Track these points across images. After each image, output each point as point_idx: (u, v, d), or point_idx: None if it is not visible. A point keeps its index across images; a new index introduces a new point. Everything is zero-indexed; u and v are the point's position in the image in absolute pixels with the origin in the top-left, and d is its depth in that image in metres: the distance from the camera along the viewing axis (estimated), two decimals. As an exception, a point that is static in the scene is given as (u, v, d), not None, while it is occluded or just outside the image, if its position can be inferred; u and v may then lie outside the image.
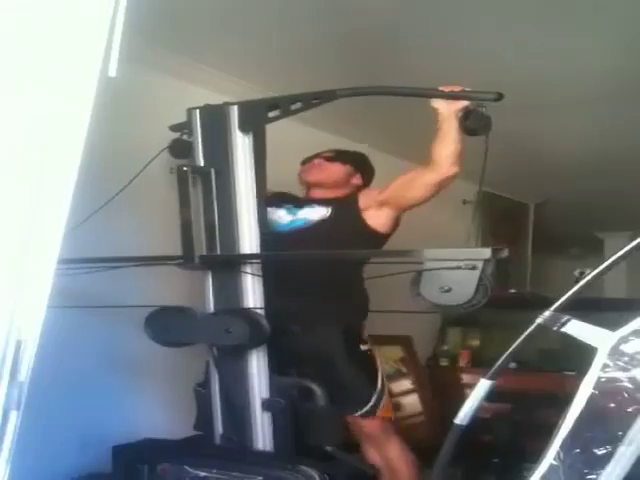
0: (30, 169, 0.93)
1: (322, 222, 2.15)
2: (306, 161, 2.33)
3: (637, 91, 2.73)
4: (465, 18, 2.18)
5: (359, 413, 2.11)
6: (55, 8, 0.94)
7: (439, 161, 1.95)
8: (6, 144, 0.92)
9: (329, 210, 2.17)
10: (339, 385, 2.06)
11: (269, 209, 2.15)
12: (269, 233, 2.05)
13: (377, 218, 2.13)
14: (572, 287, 0.98)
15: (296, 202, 2.26)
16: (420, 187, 2.03)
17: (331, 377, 2.04)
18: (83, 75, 0.96)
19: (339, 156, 2.29)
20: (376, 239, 2.16)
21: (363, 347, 2.16)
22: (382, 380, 2.17)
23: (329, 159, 2.28)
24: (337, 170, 2.26)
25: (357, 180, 2.29)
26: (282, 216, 2.20)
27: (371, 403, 2.11)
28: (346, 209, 2.17)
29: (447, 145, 1.92)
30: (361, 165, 2.32)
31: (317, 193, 2.27)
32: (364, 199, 2.17)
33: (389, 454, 2.16)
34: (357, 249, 2.10)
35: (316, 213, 2.18)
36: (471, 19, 2.19)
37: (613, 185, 4.38)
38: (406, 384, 3.47)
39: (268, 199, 2.11)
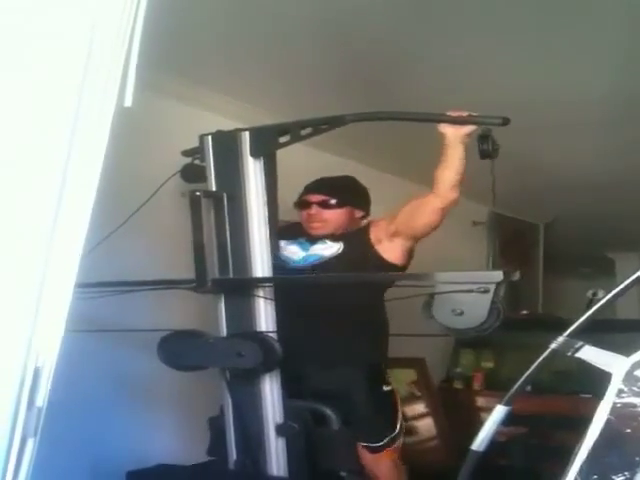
0: (48, 195, 0.94)
1: (335, 258, 2.15)
2: (300, 204, 2.26)
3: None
4: (467, 41, 2.21)
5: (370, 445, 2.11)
6: (71, 43, 0.97)
7: (438, 185, 1.96)
8: (25, 171, 0.94)
9: (341, 246, 2.17)
10: (357, 421, 2.05)
11: (281, 243, 2.16)
12: (283, 269, 2.08)
13: (391, 251, 2.12)
14: (584, 307, 0.98)
15: (307, 237, 2.23)
16: (427, 214, 2.02)
17: (350, 415, 2.02)
18: (100, 106, 0.98)
19: (333, 199, 2.20)
20: (393, 271, 2.13)
21: (385, 388, 2.14)
22: (401, 424, 2.15)
23: (325, 206, 2.21)
24: (338, 217, 2.21)
25: (359, 214, 2.27)
26: (295, 252, 2.21)
27: (382, 443, 2.11)
28: (358, 244, 2.16)
29: (447, 170, 1.93)
30: (357, 198, 2.27)
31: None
32: (375, 232, 2.16)
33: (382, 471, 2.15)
34: (374, 284, 2.08)
35: (328, 249, 2.18)
36: (473, 42, 2.22)
37: (623, 205, 4.36)
38: (420, 407, 3.44)
39: (279, 231, 2.11)
